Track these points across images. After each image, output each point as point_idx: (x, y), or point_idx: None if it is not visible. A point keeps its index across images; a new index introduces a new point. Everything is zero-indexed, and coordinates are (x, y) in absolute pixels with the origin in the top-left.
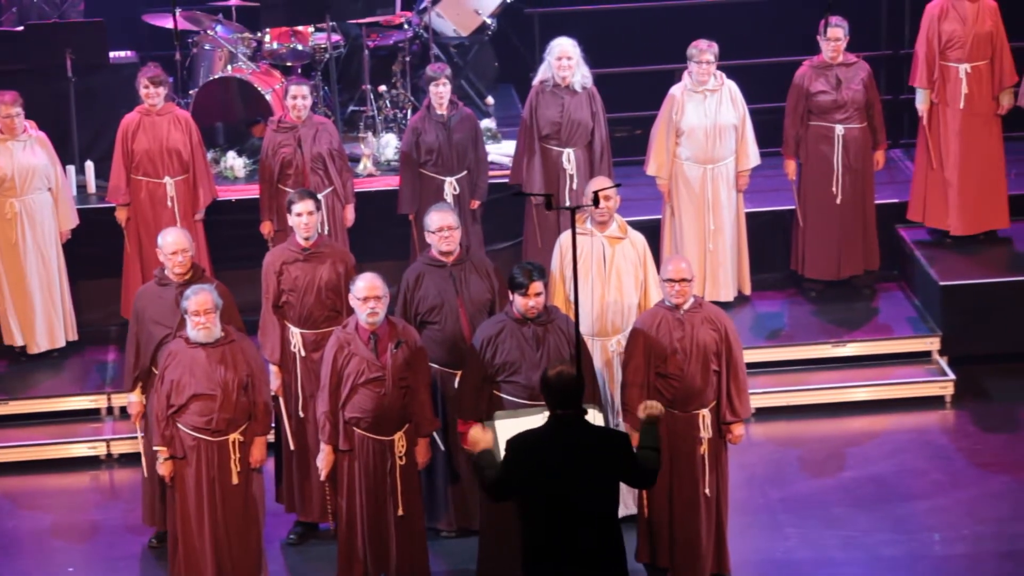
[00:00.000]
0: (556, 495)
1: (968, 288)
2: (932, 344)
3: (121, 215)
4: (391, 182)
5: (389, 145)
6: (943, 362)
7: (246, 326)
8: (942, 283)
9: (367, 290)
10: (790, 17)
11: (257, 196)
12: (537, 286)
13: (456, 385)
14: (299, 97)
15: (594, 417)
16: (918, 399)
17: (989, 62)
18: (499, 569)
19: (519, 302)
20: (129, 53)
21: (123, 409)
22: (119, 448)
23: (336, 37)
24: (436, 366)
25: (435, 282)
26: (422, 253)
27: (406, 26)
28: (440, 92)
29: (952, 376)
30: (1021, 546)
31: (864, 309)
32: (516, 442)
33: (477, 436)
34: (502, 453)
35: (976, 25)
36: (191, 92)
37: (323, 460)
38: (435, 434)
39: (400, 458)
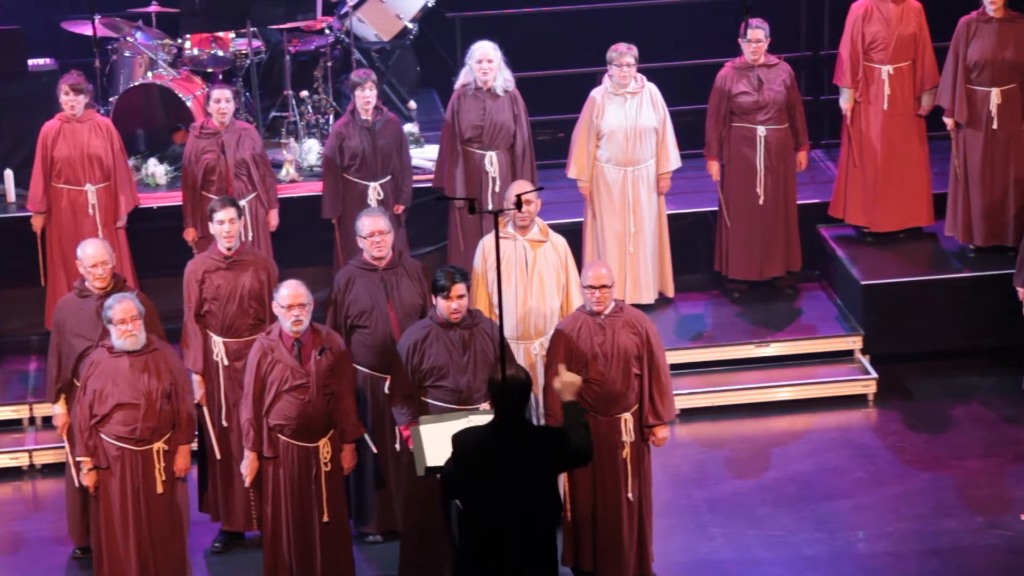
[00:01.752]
0: (498, 495)
1: (889, 287)
2: (854, 343)
3: (37, 223)
4: (314, 187)
5: (312, 150)
6: (865, 361)
7: (171, 334)
8: (863, 282)
9: (291, 298)
10: (710, 19)
11: (180, 203)
12: (459, 288)
13: (386, 391)
14: (222, 101)
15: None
16: (841, 398)
17: (912, 63)
18: (420, 572)
19: (442, 305)
20: (48, 60)
21: (45, 419)
22: (42, 459)
23: (257, 43)
24: (366, 370)
25: (366, 286)
26: (354, 257)
27: (327, 31)
28: (366, 97)
29: (874, 375)
30: (944, 543)
31: (787, 309)
32: (460, 438)
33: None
34: (426, 457)
35: (900, 27)
36: (111, 99)
37: (247, 467)
38: (366, 436)
39: (325, 464)
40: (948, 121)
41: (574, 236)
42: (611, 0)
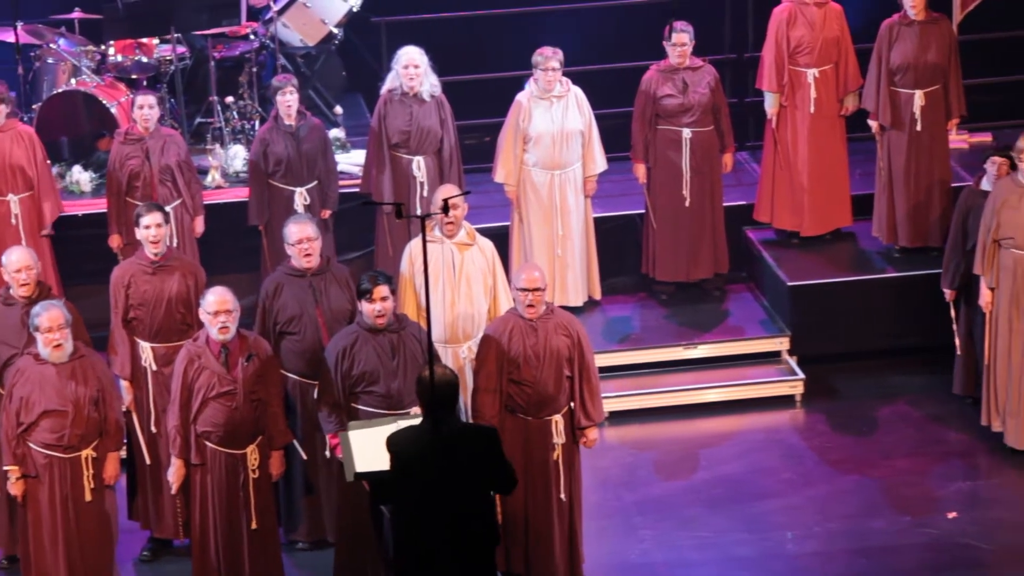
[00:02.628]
0: (434, 495)
1: (815, 288)
2: (782, 344)
3: None
4: (240, 194)
5: (237, 156)
6: (792, 362)
7: (98, 341)
8: (790, 283)
9: (217, 304)
10: (635, 22)
11: (105, 210)
12: (382, 290)
13: (315, 398)
14: (146, 107)
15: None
16: (769, 399)
17: (835, 66)
18: None
19: (367, 309)
20: None
21: None
22: None
23: (181, 49)
24: (295, 377)
25: (294, 292)
26: (283, 263)
27: (252, 37)
28: (287, 102)
29: (801, 375)
30: (872, 542)
31: (715, 311)
32: (396, 439)
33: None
34: (355, 463)
35: (824, 30)
36: (34, 107)
37: (174, 474)
38: (295, 443)
39: (253, 471)
40: (873, 124)
41: (501, 240)
42: (536, 4)
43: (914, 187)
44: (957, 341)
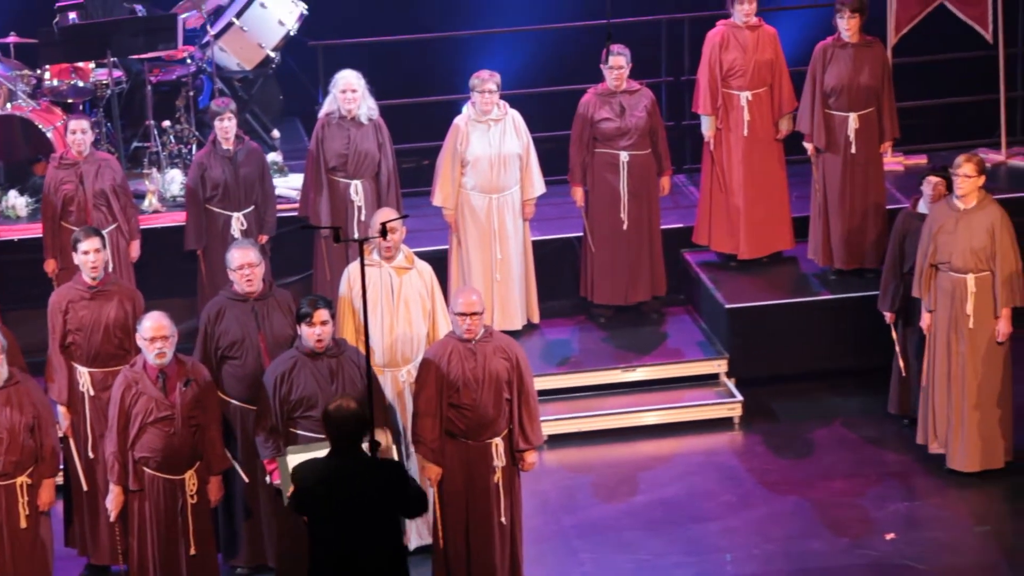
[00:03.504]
0: (340, 525)
1: (753, 311)
2: (720, 366)
3: None
4: (177, 218)
5: (174, 181)
6: (731, 384)
7: (34, 367)
8: (728, 306)
9: (154, 330)
10: (572, 46)
11: (40, 235)
12: (322, 314)
13: (253, 423)
14: (78, 132)
15: (389, 448)
16: (707, 421)
17: (769, 89)
18: None
19: (306, 332)
20: None
21: None
22: None
23: (118, 73)
24: (236, 402)
25: (236, 317)
26: (225, 287)
27: (189, 61)
28: (226, 127)
29: (740, 398)
30: (811, 564)
31: (653, 334)
32: (299, 471)
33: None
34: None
35: (757, 53)
36: None
37: (112, 501)
38: (237, 466)
39: (192, 497)
40: (808, 146)
41: (440, 263)
42: (473, 28)
43: (849, 209)
44: (901, 363)
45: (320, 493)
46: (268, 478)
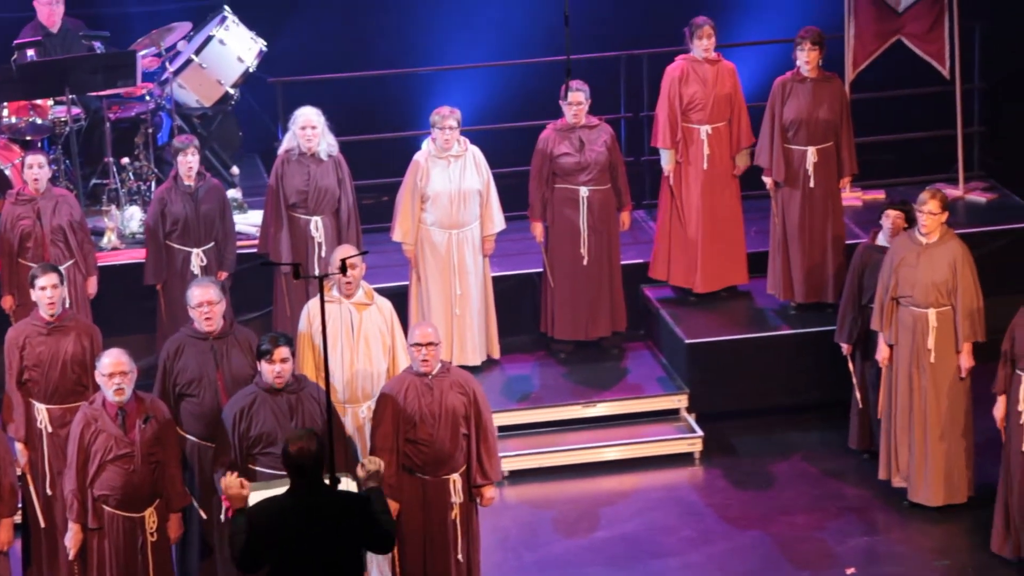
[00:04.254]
0: (300, 564)
1: (713, 345)
2: (680, 402)
3: None
4: (136, 255)
5: (134, 218)
6: (691, 419)
7: None
8: (687, 341)
9: (113, 366)
10: (532, 82)
11: None
12: (282, 352)
13: (211, 460)
14: (35, 167)
15: (347, 484)
16: (668, 456)
17: (728, 123)
18: None
19: (266, 369)
20: None
21: None
22: None
23: (76, 110)
24: (194, 439)
25: (195, 354)
26: (186, 324)
27: (148, 98)
28: (188, 163)
29: (700, 433)
30: None
31: (613, 369)
32: (256, 511)
33: (234, 490)
34: None
35: (716, 87)
36: None
37: (71, 539)
38: (195, 504)
39: (151, 534)
40: (767, 180)
41: (400, 299)
42: (433, 64)
43: (808, 244)
44: (858, 395)
45: (277, 531)
46: (223, 515)
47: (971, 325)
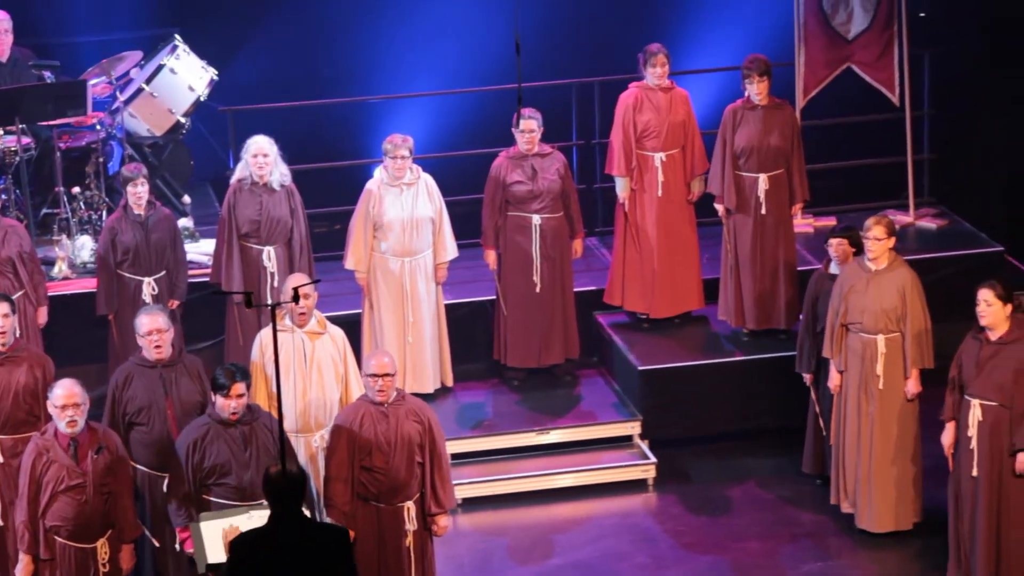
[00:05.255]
0: None
1: (665, 372)
2: (633, 428)
3: None
4: (88, 284)
5: (85, 247)
6: (644, 445)
7: None
8: (640, 367)
9: (65, 398)
10: (484, 110)
11: None
12: (239, 387)
13: (165, 490)
14: None
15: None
16: (621, 483)
17: (682, 150)
18: None
19: (221, 403)
20: None
21: None
22: None
23: (26, 139)
24: (144, 468)
25: (144, 383)
26: (134, 353)
27: (98, 127)
28: (138, 192)
29: (653, 459)
30: None
31: (566, 396)
32: (240, 542)
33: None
34: (207, 554)
35: (670, 114)
36: None
37: (22, 570)
38: (147, 534)
39: (103, 565)
40: (719, 207)
41: (353, 327)
42: (385, 92)
43: (760, 270)
44: (821, 422)
45: (260, 563)
46: (179, 546)
47: (919, 351)
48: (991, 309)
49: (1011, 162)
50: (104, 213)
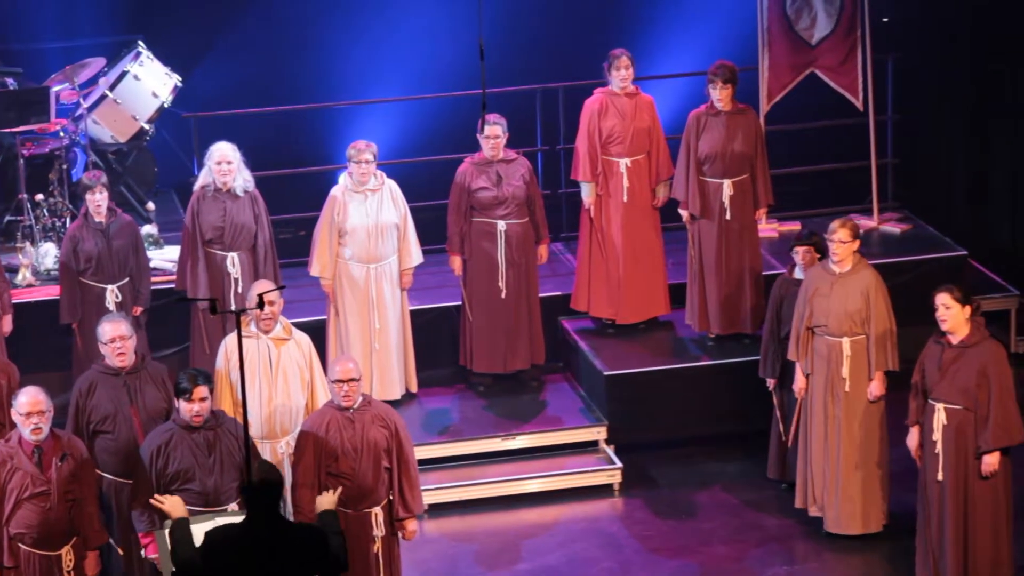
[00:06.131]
0: None
1: (631, 377)
2: (599, 433)
3: None
4: (52, 292)
5: (48, 254)
6: (610, 451)
7: None
8: (606, 373)
9: (30, 405)
10: (449, 116)
11: None
12: (202, 391)
13: (130, 496)
14: None
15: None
16: (588, 488)
17: (647, 155)
18: None
19: (184, 408)
20: None
21: None
22: None
23: None
24: (109, 476)
25: (108, 391)
26: (97, 361)
27: (62, 134)
28: (97, 200)
29: (619, 464)
30: None
31: (532, 401)
32: (216, 535)
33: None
34: (172, 561)
35: (635, 120)
36: None
37: None
38: (112, 542)
39: (68, 573)
40: (683, 213)
41: (318, 334)
42: (349, 98)
43: (725, 275)
44: (781, 427)
45: (233, 560)
46: (143, 552)
47: (884, 353)
48: (950, 312)
49: (974, 166)
50: (68, 220)
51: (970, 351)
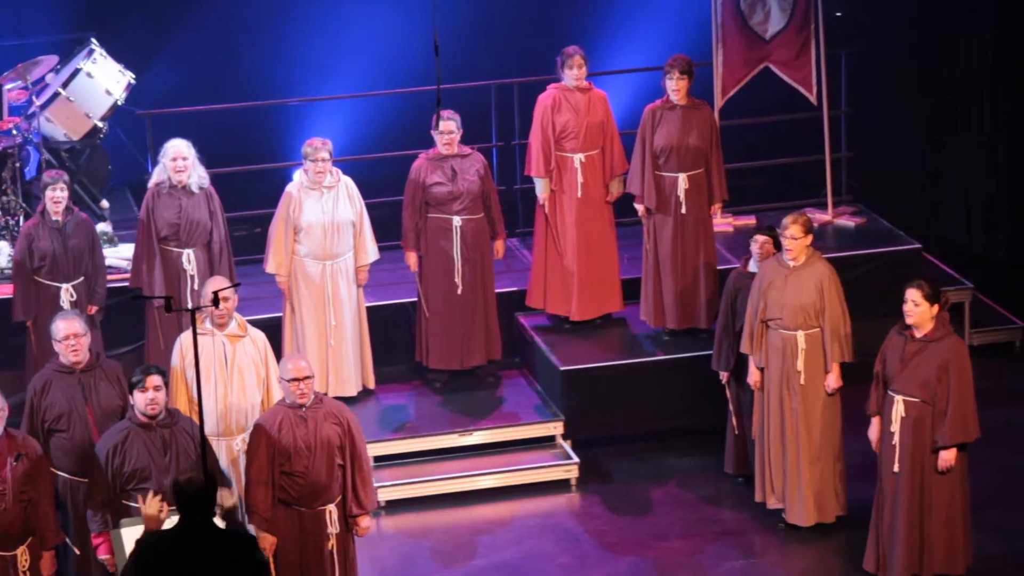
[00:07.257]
0: None
1: (587, 372)
2: (556, 428)
3: None
4: (5, 290)
5: (2, 253)
6: (567, 446)
7: None
8: (562, 368)
9: None
10: (403, 112)
11: None
12: (154, 379)
13: (83, 496)
14: None
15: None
16: (545, 483)
17: (601, 151)
18: None
19: (139, 399)
20: None
21: None
22: None
23: None
24: (65, 475)
25: (63, 389)
26: (52, 359)
27: (14, 132)
28: (56, 198)
29: (576, 459)
30: None
31: (489, 397)
32: (145, 544)
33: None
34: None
35: (588, 115)
36: None
37: None
38: (68, 541)
39: (24, 573)
40: (639, 207)
41: (273, 331)
42: (303, 95)
43: (680, 270)
44: (734, 421)
45: (165, 566)
46: (96, 551)
47: (839, 346)
48: (918, 309)
49: (927, 160)
50: (21, 219)
51: (933, 346)
